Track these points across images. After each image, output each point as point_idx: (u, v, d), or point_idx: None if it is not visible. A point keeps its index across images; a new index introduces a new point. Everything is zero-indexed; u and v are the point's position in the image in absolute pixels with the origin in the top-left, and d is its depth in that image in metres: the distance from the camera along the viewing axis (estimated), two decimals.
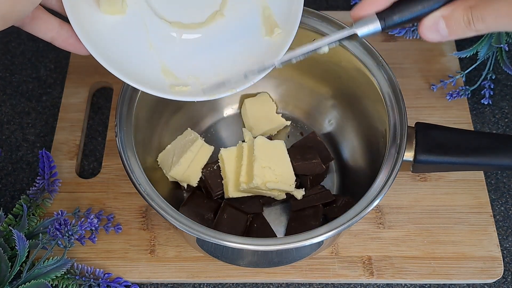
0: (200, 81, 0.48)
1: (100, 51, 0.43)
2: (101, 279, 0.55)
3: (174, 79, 0.47)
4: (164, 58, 0.48)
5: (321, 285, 0.58)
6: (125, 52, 0.46)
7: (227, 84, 0.47)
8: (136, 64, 0.46)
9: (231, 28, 0.49)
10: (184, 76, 0.48)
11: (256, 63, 0.47)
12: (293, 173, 0.57)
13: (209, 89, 0.47)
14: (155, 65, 0.47)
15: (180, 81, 0.48)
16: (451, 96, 0.67)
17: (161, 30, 0.48)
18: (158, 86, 0.46)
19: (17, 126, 0.68)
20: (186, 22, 0.48)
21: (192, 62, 0.48)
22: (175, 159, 0.58)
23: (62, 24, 0.42)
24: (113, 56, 0.45)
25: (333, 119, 0.64)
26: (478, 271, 0.57)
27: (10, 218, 0.57)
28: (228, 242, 0.45)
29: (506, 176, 0.65)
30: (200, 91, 0.47)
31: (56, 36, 0.42)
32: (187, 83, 0.47)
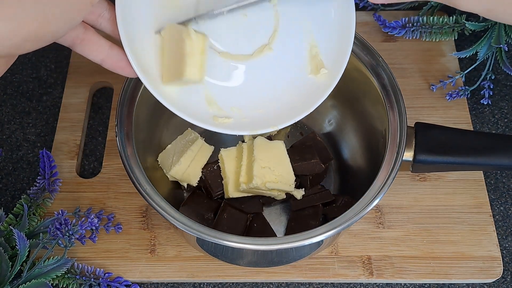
0: (243, 114, 0.48)
1: (149, 77, 0.43)
2: (101, 279, 0.55)
3: (217, 110, 0.48)
4: (209, 87, 0.48)
5: (321, 284, 0.58)
6: None
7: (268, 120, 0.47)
8: (182, 92, 0.46)
9: (277, 63, 0.49)
10: (227, 107, 0.48)
11: (299, 101, 0.48)
12: (292, 173, 0.57)
13: (251, 123, 0.47)
14: (200, 94, 0.47)
15: (223, 112, 0.48)
16: (451, 96, 0.67)
17: (210, 59, 0.47)
18: (201, 116, 0.46)
19: (18, 126, 0.68)
20: (234, 53, 0.48)
21: (236, 94, 0.49)
22: (175, 158, 0.58)
23: (112, 47, 0.42)
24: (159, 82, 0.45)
25: (333, 119, 0.64)
26: (478, 270, 0.57)
27: (11, 218, 0.57)
28: (228, 242, 0.45)
29: (506, 176, 0.65)
30: (242, 124, 0.47)
31: (106, 59, 0.43)
32: (230, 115, 0.48)
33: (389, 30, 0.70)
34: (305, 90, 0.48)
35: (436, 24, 0.69)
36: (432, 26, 0.70)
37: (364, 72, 0.55)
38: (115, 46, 0.43)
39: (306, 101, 0.48)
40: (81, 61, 0.71)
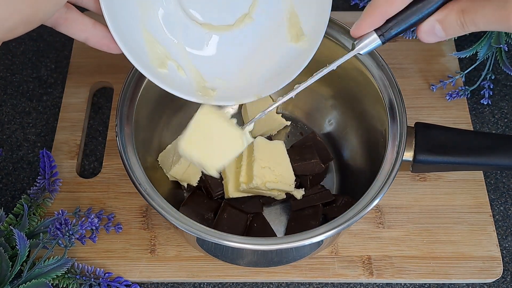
0: (227, 85, 0.48)
1: (133, 52, 0.44)
2: (101, 279, 0.55)
3: (202, 81, 0.48)
4: (193, 60, 0.48)
5: (321, 284, 0.58)
6: None
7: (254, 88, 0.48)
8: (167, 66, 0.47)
9: (258, 32, 0.50)
10: (211, 78, 0.48)
11: (281, 70, 0.48)
12: (292, 173, 0.57)
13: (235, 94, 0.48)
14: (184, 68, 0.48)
15: (207, 84, 0.48)
16: (451, 96, 0.67)
17: (192, 31, 0.48)
18: (187, 89, 0.47)
19: (18, 125, 0.68)
20: (216, 24, 0.49)
21: (219, 65, 0.49)
22: (175, 158, 0.58)
23: (95, 24, 0.43)
24: (144, 57, 0.45)
25: (333, 119, 0.64)
26: (478, 270, 0.57)
27: (11, 218, 0.57)
28: (228, 242, 0.45)
29: (506, 176, 0.65)
30: (226, 95, 0.48)
31: (90, 37, 0.43)
32: (214, 86, 0.48)
33: None
34: (286, 58, 0.49)
35: None
36: None
37: (364, 72, 0.55)
38: (98, 24, 0.43)
39: (287, 69, 0.48)
40: (81, 61, 0.71)
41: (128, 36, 0.44)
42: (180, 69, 0.48)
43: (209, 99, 0.47)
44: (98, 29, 0.43)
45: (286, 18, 0.49)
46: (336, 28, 0.56)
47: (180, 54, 0.48)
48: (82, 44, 0.43)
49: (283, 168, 0.56)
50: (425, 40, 0.42)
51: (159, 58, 0.47)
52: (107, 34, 0.43)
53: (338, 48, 0.56)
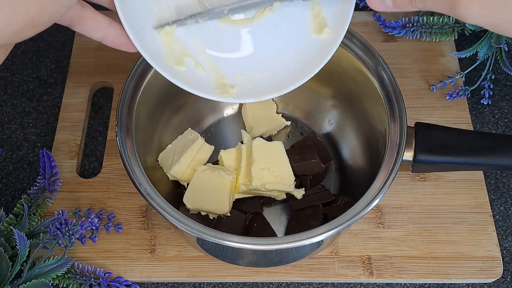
0: (247, 80, 0.47)
1: (149, 50, 0.43)
2: (101, 279, 0.55)
3: (221, 78, 0.47)
4: (211, 55, 0.47)
5: (321, 284, 0.58)
6: None
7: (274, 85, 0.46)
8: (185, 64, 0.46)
9: (279, 24, 0.47)
10: (231, 75, 0.47)
11: (303, 63, 0.46)
12: (292, 173, 0.57)
13: (255, 89, 0.46)
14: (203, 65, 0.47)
15: (227, 80, 0.47)
16: (451, 96, 0.67)
17: (210, 26, 0.46)
18: (205, 87, 0.45)
19: (18, 125, 0.68)
20: (234, 18, 0.47)
21: (239, 60, 0.47)
22: (175, 158, 0.58)
23: (111, 22, 0.42)
24: (160, 54, 0.44)
25: (333, 119, 0.64)
26: (478, 270, 0.57)
27: (11, 218, 0.57)
28: (228, 242, 0.45)
29: (506, 176, 0.65)
30: (246, 91, 0.46)
31: (105, 35, 0.42)
32: (234, 83, 0.46)
33: (389, 30, 0.70)
34: (308, 51, 0.47)
35: (436, 24, 0.69)
36: (432, 26, 0.70)
37: (364, 72, 0.55)
38: (114, 22, 0.42)
39: (310, 62, 0.46)
40: (82, 61, 0.71)
41: (143, 34, 0.43)
42: (198, 65, 0.46)
43: (228, 97, 0.45)
44: (113, 27, 0.42)
45: (309, 8, 0.47)
46: None
47: (198, 50, 0.47)
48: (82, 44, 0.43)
49: (282, 169, 0.56)
50: (372, 6, 0.40)
51: (175, 55, 0.45)
52: (123, 32, 0.41)
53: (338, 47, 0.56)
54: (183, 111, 0.63)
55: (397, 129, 0.51)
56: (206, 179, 0.56)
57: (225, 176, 0.55)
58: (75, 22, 0.41)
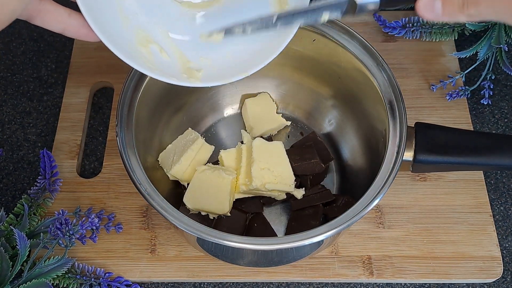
0: (212, 63, 0.47)
1: (112, 39, 0.42)
2: (102, 278, 0.55)
3: (186, 62, 0.46)
4: (176, 42, 0.47)
5: (321, 284, 0.58)
6: None
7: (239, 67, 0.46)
8: (150, 52, 0.45)
9: (240, 5, 0.47)
10: (195, 58, 0.47)
11: (266, 43, 0.46)
12: (292, 173, 0.57)
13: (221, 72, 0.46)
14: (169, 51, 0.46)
15: (192, 64, 0.46)
16: (451, 96, 0.67)
17: (172, 10, 0.46)
18: (172, 73, 0.45)
19: (18, 125, 0.68)
20: (196, 1, 0.47)
21: (203, 43, 0.47)
22: (175, 158, 0.58)
23: (71, 14, 0.41)
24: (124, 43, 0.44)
25: (333, 119, 0.64)
26: (478, 270, 0.57)
27: (11, 218, 0.57)
28: (229, 242, 0.45)
29: (506, 176, 0.65)
30: (213, 74, 0.46)
31: (66, 27, 0.41)
32: (200, 66, 0.46)
33: (389, 30, 0.70)
34: (271, 31, 0.46)
35: (436, 24, 0.69)
36: (432, 26, 0.70)
37: (364, 72, 0.55)
38: (74, 13, 0.41)
39: (273, 42, 0.46)
40: (82, 61, 0.71)
41: (106, 23, 0.42)
42: (163, 51, 0.46)
43: (195, 81, 0.45)
44: (74, 18, 0.41)
45: None
46: (336, 28, 0.56)
47: (161, 36, 0.46)
48: (82, 44, 0.43)
49: (282, 169, 0.56)
50: (421, 14, 0.39)
51: (140, 42, 0.45)
52: (85, 23, 0.41)
53: (338, 48, 0.56)
54: (183, 111, 0.63)
55: (397, 129, 0.51)
56: (206, 179, 0.56)
57: (225, 176, 0.55)
58: (34, 15, 0.40)
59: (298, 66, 0.63)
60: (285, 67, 0.63)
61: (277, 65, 0.63)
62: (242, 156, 0.57)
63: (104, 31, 0.41)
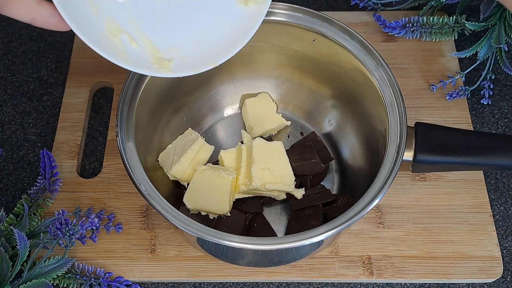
0: (182, 53, 0.47)
1: (83, 29, 0.41)
2: (102, 278, 0.55)
3: (156, 52, 0.46)
4: (145, 31, 0.47)
5: (321, 284, 0.58)
6: None
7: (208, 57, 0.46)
8: (119, 41, 0.45)
9: None
10: (164, 48, 0.47)
11: (233, 33, 0.47)
12: (292, 173, 0.57)
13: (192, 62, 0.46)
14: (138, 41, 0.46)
15: (162, 54, 0.47)
16: (451, 96, 0.67)
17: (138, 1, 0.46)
18: (143, 63, 0.45)
19: (18, 126, 0.68)
20: None
21: (171, 34, 0.47)
22: (175, 158, 0.58)
23: (40, 3, 0.40)
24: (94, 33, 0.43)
25: (333, 119, 0.64)
26: (478, 270, 0.57)
27: (11, 218, 0.57)
28: (229, 242, 0.45)
29: (506, 176, 0.65)
30: (183, 65, 0.46)
31: (36, 17, 0.40)
32: (170, 56, 0.47)
33: (389, 30, 0.70)
34: (237, 22, 0.48)
35: (436, 24, 0.69)
36: (432, 26, 0.70)
37: (364, 72, 0.55)
38: (44, 2, 0.40)
39: (240, 32, 0.47)
40: (82, 61, 0.71)
41: (77, 12, 0.41)
42: (133, 41, 0.46)
43: (166, 71, 0.45)
44: (44, 7, 0.40)
45: None
46: (336, 28, 0.56)
47: (130, 24, 0.46)
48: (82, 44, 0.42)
49: (282, 169, 0.56)
50: None
51: (110, 32, 0.45)
52: (54, 12, 0.40)
53: (338, 48, 0.56)
54: (183, 111, 0.63)
55: (397, 129, 0.51)
56: (206, 179, 0.56)
57: (225, 176, 0.55)
58: (1, 5, 0.39)
59: (298, 66, 0.63)
60: (285, 67, 0.63)
61: (277, 65, 0.64)
62: (242, 156, 0.57)
63: (75, 21, 0.40)
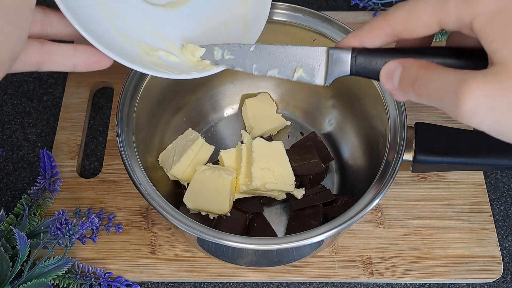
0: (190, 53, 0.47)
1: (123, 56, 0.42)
2: (102, 278, 0.55)
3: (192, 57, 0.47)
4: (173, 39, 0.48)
5: (321, 284, 0.58)
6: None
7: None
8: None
9: None
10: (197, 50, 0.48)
11: (236, 30, 0.48)
12: (292, 173, 0.57)
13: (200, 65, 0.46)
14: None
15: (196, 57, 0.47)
16: None
17: (160, 16, 0.47)
18: (186, 70, 0.45)
19: (18, 125, 0.68)
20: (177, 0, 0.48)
21: (196, 33, 0.48)
22: (175, 157, 0.58)
23: (76, 47, 0.40)
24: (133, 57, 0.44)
25: (333, 119, 0.64)
26: (478, 270, 0.57)
27: (11, 218, 0.57)
28: (229, 242, 0.45)
29: (506, 176, 0.65)
30: (188, 66, 0.46)
31: (77, 63, 0.40)
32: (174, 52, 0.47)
33: None
34: (247, 20, 0.49)
35: None
36: None
37: None
38: (79, 46, 0.40)
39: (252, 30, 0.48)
40: None
41: (111, 45, 0.42)
42: (170, 55, 0.46)
43: (211, 68, 0.46)
44: (81, 51, 0.40)
45: None
46: (336, 28, 0.56)
47: (162, 42, 0.47)
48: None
49: (282, 169, 0.56)
50: (382, 81, 0.36)
51: (146, 53, 0.45)
52: (92, 51, 0.40)
53: None
54: (183, 111, 0.63)
55: (397, 129, 0.51)
56: (206, 179, 0.56)
57: (225, 176, 0.55)
58: (42, 62, 0.39)
59: None
60: None
61: None
62: (242, 156, 0.57)
63: (114, 51, 0.41)
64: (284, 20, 0.56)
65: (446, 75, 0.31)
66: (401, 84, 0.35)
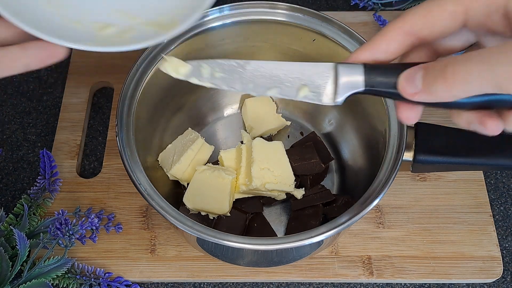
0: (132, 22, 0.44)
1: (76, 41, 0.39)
2: (101, 279, 0.55)
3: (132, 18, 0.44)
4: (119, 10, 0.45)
5: (321, 284, 0.58)
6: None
7: None
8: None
9: None
10: None
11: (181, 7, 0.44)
12: (292, 173, 0.57)
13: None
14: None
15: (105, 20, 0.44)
16: None
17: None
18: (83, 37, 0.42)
19: (18, 125, 0.68)
20: None
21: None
22: (175, 157, 0.58)
23: (24, 47, 0.38)
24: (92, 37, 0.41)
25: (333, 119, 0.64)
26: (478, 270, 0.57)
27: (11, 218, 0.57)
28: (228, 242, 0.45)
29: (506, 176, 0.65)
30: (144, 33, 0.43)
31: (28, 62, 0.38)
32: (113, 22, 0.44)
33: None
34: None
35: None
36: None
37: None
38: (27, 44, 0.38)
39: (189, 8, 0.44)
40: (82, 61, 0.71)
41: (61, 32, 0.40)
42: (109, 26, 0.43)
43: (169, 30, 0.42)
44: (30, 48, 0.38)
45: None
46: (336, 28, 0.56)
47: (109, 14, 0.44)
48: None
49: (282, 169, 0.56)
50: (401, 87, 0.34)
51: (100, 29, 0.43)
52: (41, 45, 0.37)
53: (338, 48, 0.56)
54: (183, 111, 0.63)
55: (397, 129, 0.51)
56: (206, 179, 0.56)
57: (225, 176, 0.55)
58: None
59: None
60: None
61: None
62: (242, 156, 0.57)
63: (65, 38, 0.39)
64: (284, 20, 0.56)
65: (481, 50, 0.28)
66: (426, 79, 0.32)
